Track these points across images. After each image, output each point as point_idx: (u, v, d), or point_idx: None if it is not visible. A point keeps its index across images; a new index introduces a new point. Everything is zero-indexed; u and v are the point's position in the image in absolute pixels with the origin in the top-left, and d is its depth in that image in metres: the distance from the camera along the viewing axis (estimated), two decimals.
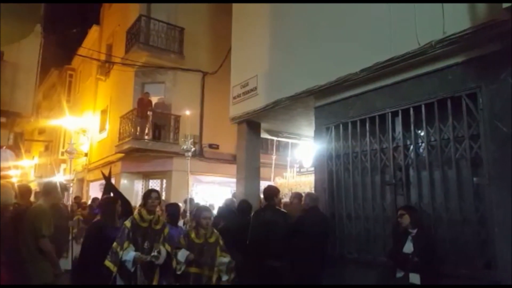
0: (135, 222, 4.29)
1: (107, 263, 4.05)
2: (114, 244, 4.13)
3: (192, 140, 8.27)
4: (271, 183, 10.85)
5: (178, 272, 4.36)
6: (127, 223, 4.26)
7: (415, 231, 4.20)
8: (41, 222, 4.13)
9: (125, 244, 4.14)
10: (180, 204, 9.32)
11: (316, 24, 6.45)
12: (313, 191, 6.82)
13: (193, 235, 4.56)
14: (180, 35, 13.38)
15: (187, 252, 4.38)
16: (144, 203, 4.42)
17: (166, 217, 5.65)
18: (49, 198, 4.56)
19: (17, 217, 4.28)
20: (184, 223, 7.56)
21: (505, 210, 3.92)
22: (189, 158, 7.19)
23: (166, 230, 4.56)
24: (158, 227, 4.44)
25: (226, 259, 4.52)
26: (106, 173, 7.02)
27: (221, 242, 4.65)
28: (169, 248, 4.41)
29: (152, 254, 4.18)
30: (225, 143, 12.98)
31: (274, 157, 12.06)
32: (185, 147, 7.21)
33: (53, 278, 4.17)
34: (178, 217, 6.29)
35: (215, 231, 4.74)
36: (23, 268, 4.01)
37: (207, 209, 4.91)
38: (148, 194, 4.44)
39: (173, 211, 5.81)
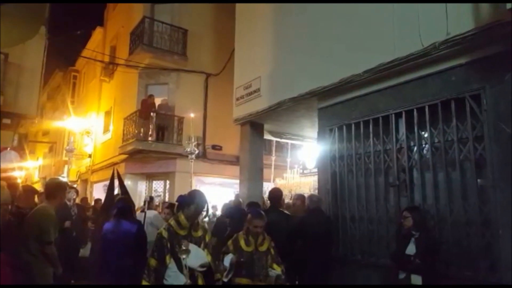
0: (172, 230, 3.54)
1: (144, 282, 3.42)
2: (151, 260, 3.45)
3: (195, 142, 8.28)
4: (271, 184, 10.85)
5: (225, 279, 3.89)
6: (164, 232, 3.51)
7: (418, 233, 4.19)
8: (49, 227, 4.06)
9: (167, 259, 3.41)
10: None
11: (319, 25, 6.45)
12: (312, 192, 6.81)
13: (242, 241, 4.07)
14: (183, 36, 13.42)
15: (232, 255, 3.96)
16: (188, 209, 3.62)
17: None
18: (55, 199, 4.52)
19: (19, 218, 4.27)
20: None
21: (510, 212, 3.90)
22: (192, 160, 7.21)
23: (208, 237, 3.81)
24: (198, 233, 3.69)
25: (275, 272, 4.00)
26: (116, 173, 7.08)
27: (273, 250, 4.15)
28: (209, 258, 3.64)
29: (181, 248, 3.40)
30: (228, 144, 13.00)
31: (273, 158, 12.07)
32: (188, 149, 7.24)
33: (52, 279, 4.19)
34: None
35: (267, 237, 4.20)
36: (24, 269, 4.00)
37: (260, 215, 4.17)
38: (200, 198, 3.66)
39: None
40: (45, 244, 4.04)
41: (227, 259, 3.96)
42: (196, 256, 3.50)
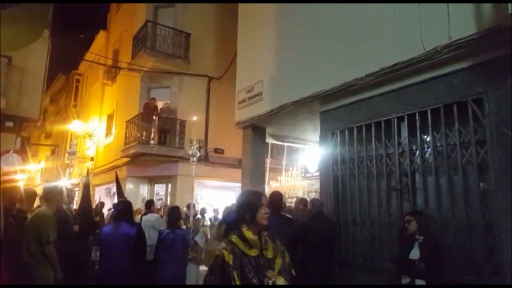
0: (239, 251, 2.47)
1: None
2: None
3: (198, 145, 8.29)
4: (266, 187, 10.85)
5: None
6: (227, 255, 2.42)
7: (422, 237, 4.17)
8: (48, 228, 4.15)
9: None
10: (185, 209, 9.34)
11: (321, 29, 6.46)
12: (306, 196, 6.75)
13: None
14: (186, 40, 13.48)
15: None
16: (252, 217, 2.57)
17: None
18: (52, 203, 4.58)
19: (20, 220, 4.28)
20: (187, 228, 7.58)
21: None
22: (194, 163, 7.21)
23: (279, 260, 2.63)
24: (270, 254, 2.60)
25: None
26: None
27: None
28: None
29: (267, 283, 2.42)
30: (230, 147, 13.01)
31: (269, 160, 12.07)
32: (191, 152, 7.25)
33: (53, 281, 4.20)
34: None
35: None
36: (25, 271, 4.01)
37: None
38: (258, 199, 2.65)
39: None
40: (44, 244, 4.09)
41: None
42: None
